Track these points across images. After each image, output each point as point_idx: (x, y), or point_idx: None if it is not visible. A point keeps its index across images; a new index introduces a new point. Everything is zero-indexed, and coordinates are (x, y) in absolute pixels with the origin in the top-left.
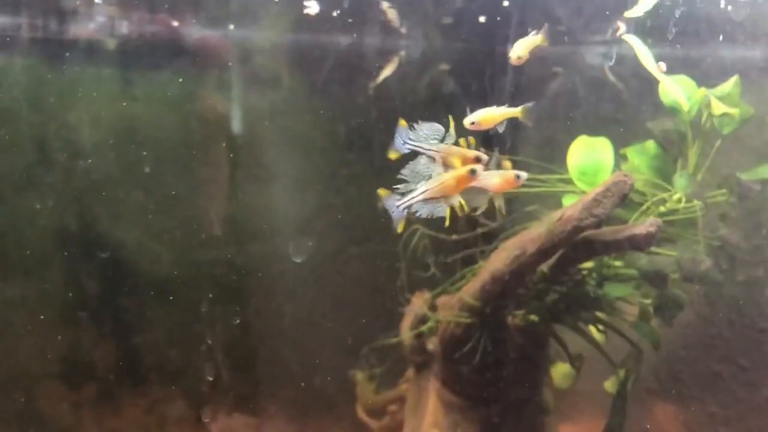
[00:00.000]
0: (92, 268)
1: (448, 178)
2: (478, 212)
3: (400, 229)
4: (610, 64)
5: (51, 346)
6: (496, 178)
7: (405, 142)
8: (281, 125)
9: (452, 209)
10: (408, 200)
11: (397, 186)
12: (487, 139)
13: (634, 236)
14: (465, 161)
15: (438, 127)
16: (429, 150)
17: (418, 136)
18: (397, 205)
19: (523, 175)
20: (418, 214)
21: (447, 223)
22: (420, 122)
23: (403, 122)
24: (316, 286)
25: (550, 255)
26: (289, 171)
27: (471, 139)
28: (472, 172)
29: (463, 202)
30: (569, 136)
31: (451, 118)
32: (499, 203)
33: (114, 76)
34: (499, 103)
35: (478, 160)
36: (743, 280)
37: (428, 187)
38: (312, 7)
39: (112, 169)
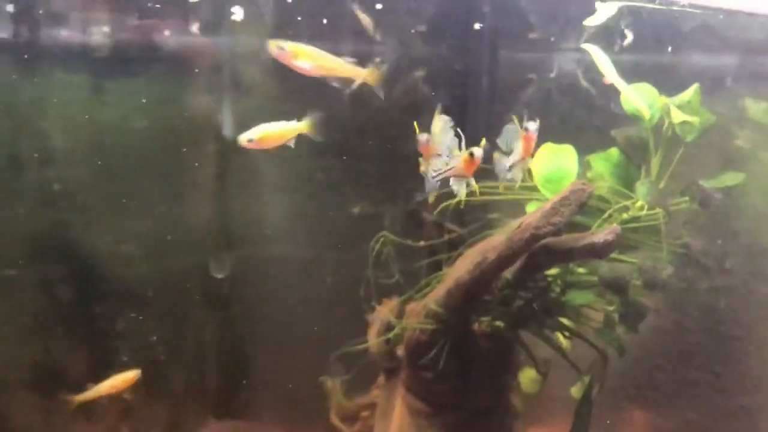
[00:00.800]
0: (65, 275)
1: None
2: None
3: (431, 198)
4: (583, 70)
5: (24, 353)
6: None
7: (434, 178)
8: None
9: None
10: (442, 173)
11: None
12: None
13: (592, 244)
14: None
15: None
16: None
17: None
18: (432, 176)
19: (477, 151)
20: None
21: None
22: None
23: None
24: (292, 291)
25: (510, 262)
26: (265, 177)
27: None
28: (471, 154)
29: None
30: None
31: (416, 125)
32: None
33: (89, 83)
34: (476, 110)
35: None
36: (711, 286)
37: (453, 165)
38: (237, 13)
39: (86, 176)
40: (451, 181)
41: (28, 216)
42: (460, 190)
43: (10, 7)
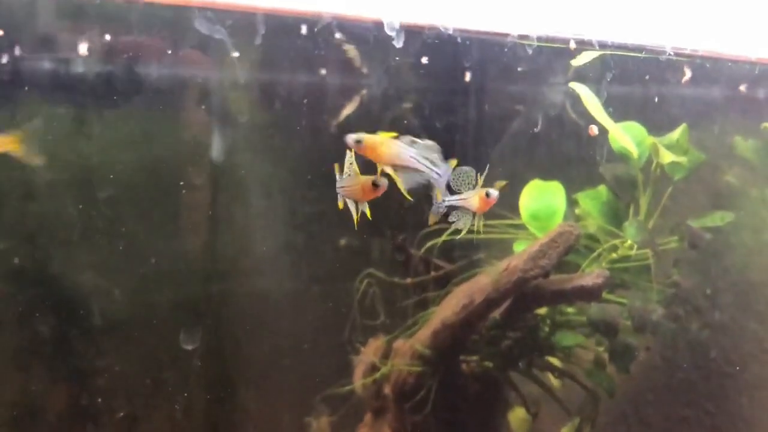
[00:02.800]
0: (47, 310)
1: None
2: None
3: (431, 221)
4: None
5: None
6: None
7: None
8: (242, 163)
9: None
10: (450, 201)
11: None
12: None
13: (582, 287)
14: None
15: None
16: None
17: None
18: (440, 202)
19: (493, 192)
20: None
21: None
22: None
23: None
24: (276, 325)
25: (497, 304)
26: (250, 209)
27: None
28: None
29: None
30: (532, 176)
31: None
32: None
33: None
34: (463, 140)
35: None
36: (703, 324)
37: (466, 196)
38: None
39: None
40: (453, 215)
41: (10, 250)
42: (464, 225)
43: None
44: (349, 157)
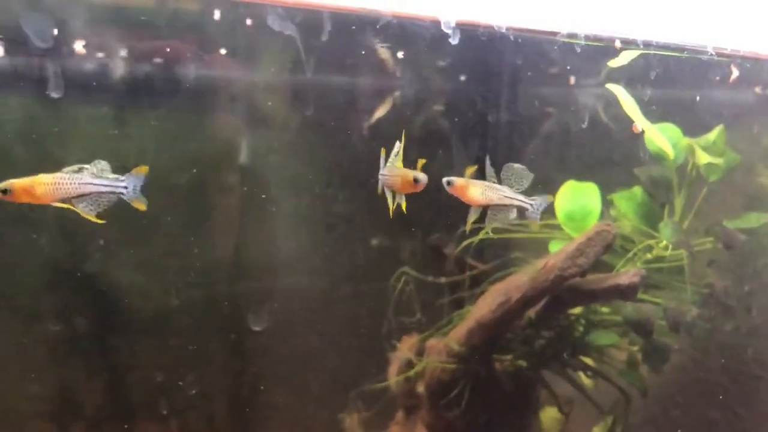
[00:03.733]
0: (85, 305)
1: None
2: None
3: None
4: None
5: (41, 385)
6: (397, 177)
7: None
8: (276, 164)
9: None
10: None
11: None
12: None
13: (618, 286)
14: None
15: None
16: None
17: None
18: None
19: (420, 176)
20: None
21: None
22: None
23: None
24: (308, 324)
25: (534, 303)
26: (284, 210)
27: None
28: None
29: None
30: (564, 177)
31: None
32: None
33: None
34: (496, 144)
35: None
36: (735, 326)
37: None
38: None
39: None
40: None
41: (47, 246)
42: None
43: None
44: (398, 147)
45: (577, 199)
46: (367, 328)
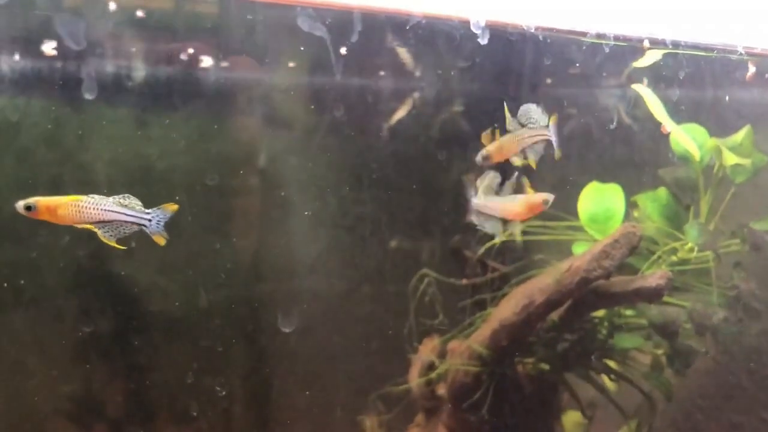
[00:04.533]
0: (104, 306)
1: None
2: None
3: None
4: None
5: (61, 385)
6: (519, 204)
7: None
8: (296, 165)
9: None
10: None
11: None
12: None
13: (643, 288)
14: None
15: None
16: None
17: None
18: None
19: (550, 197)
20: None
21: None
22: None
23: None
24: (328, 326)
25: (558, 305)
26: (303, 211)
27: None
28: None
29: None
30: (586, 179)
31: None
32: (517, 230)
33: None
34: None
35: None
36: (761, 329)
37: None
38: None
39: None
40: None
41: (69, 248)
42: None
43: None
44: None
45: (601, 201)
46: (388, 330)
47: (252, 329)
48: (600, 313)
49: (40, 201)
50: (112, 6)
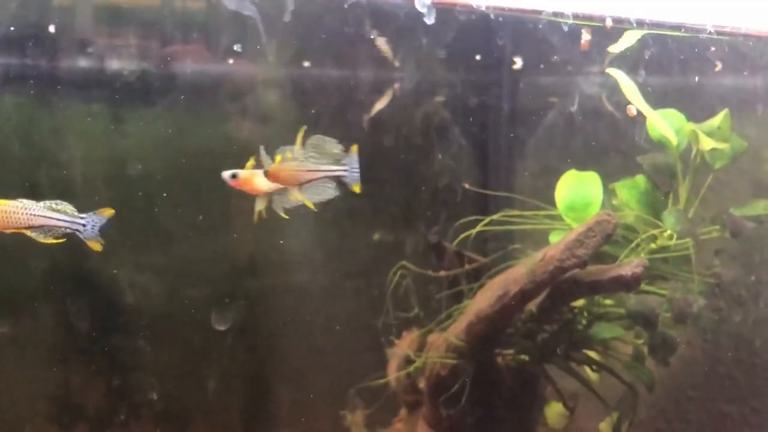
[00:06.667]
0: (84, 306)
1: None
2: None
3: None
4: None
5: (42, 386)
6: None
7: None
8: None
9: None
10: None
11: None
12: None
13: (620, 277)
14: None
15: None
16: None
17: None
18: None
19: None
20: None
21: None
22: None
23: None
24: (311, 319)
25: (533, 296)
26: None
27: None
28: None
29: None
30: (567, 167)
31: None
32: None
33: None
34: (498, 133)
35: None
36: (744, 318)
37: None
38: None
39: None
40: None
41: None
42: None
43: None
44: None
45: (578, 189)
46: (366, 323)
47: (233, 326)
48: (579, 303)
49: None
50: None
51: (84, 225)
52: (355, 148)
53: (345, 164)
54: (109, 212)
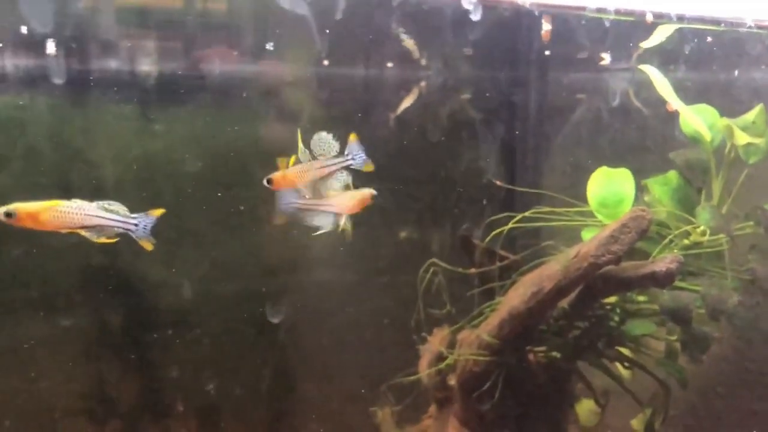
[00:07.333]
0: (117, 304)
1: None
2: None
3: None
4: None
5: (76, 382)
6: (348, 199)
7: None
8: None
9: None
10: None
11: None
12: None
13: (654, 273)
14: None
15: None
16: None
17: None
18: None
19: (374, 192)
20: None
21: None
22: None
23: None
24: (339, 318)
25: (567, 292)
26: None
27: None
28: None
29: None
30: (597, 164)
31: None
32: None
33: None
34: (524, 132)
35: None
36: None
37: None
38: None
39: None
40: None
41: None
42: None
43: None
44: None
45: (610, 185)
46: (399, 320)
47: (264, 322)
48: (611, 299)
49: (20, 207)
50: None
51: (136, 225)
52: (352, 136)
53: (347, 153)
54: (159, 212)
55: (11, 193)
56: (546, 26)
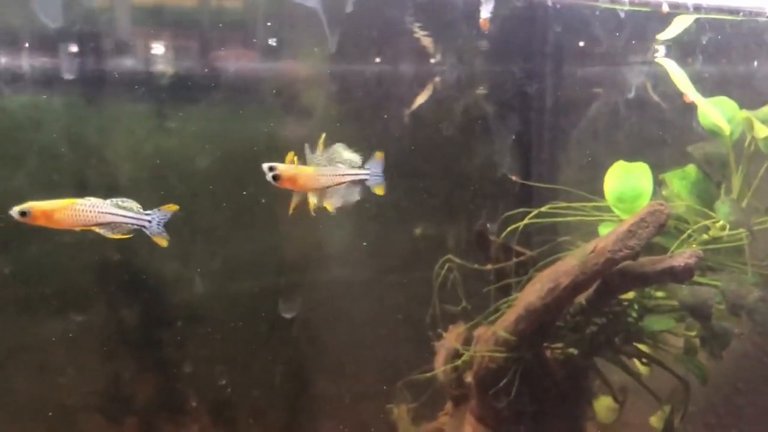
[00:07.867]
0: (133, 301)
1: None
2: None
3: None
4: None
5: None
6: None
7: None
8: None
9: None
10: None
11: None
12: None
13: (672, 268)
14: None
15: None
16: None
17: None
18: None
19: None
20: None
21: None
22: None
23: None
24: (354, 314)
25: (584, 288)
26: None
27: None
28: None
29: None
30: (613, 158)
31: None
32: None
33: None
34: (540, 126)
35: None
36: None
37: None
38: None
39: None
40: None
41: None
42: None
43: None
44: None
45: (627, 180)
46: (414, 317)
47: (279, 319)
48: (629, 295)
49: (35, 206)
50: None
51: (149, 221)
52: (379, 153)
53: (368, 168)
54: (173, 208)
55: (26, 191)
56: (484, 14)
